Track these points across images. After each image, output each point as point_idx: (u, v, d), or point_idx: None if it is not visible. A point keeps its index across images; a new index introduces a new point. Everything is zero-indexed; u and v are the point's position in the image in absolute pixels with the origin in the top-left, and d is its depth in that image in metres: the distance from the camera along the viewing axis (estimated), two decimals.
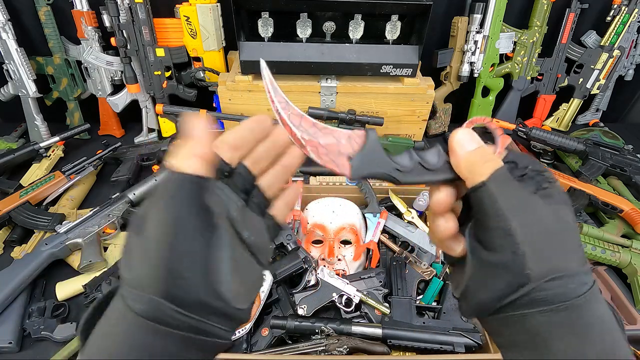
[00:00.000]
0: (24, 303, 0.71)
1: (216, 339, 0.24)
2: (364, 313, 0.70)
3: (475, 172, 0.25)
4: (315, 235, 0.80)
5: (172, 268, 0.21)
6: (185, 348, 0.22)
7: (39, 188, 0.90)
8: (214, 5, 1.03)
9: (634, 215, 0.90)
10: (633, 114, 1.42)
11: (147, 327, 0.21)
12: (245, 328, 0.63)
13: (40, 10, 1.03)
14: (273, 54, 0.97)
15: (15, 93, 1.09)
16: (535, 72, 1.24)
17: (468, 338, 0.63)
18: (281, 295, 0.70)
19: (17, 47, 1.01)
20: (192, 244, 0.22)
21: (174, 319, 0.21)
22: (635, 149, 1.09)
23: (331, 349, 0.61)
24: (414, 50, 0.99)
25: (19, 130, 1.18)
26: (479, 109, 1.25)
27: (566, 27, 1.17)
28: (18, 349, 0.66)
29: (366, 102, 1.03)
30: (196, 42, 1.06)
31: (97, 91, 1.15)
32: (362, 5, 0.92)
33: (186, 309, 0.21)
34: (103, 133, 1.22)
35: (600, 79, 1.24)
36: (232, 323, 0.24)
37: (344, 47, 0.99)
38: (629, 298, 0.76)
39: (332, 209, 0.82)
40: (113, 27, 1.01)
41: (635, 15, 1.13)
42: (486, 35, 1.13)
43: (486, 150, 0.26)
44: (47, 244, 0.77)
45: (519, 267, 0.22)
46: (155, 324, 0.21)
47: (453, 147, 0.27)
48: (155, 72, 1.08)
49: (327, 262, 0.76)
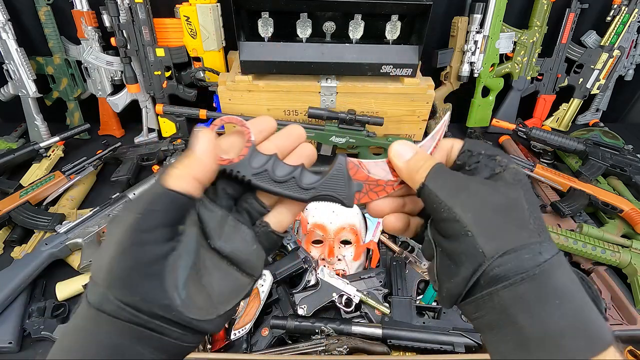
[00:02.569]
0: (24, 303, 0.71)
1: (177, 342, 0.23)
2: (364, 313, 0.70)
3: (415, 179, 0.27)
4: (315, 235, 0.80)
5: (123, 268, 0.21)
6: (137, 342, 0.22)
7: (39, 188, 0.90)
8: (214, 5, 1.03)
9: (634, 215, 0.90)
10: (633, 114, 1.42)
11: (96, 316, 0.22)
12: (245, 328, 0.63)
13: (40, 10, 1.03)
14: (273, 54, 0.97)
15: (15, 93, 1.09)
16: (535, 72, 1.24)
17: (468, 338, 0.63)
18: (281, 295, 0.70)
19: (17, 47, 1.01)
20: (148, 251, 0.22)
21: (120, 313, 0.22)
22: (635, 149, 1.09)
23: (331, 349, 0.61)
24: (414, 50, 0.99)
25: (19, 130, 1.18)
26: (479, 109, 1.25)
27: (566, 27, 1.17)
28: (18, 349, 0.66)
29: (366, 102, 1.03)
30: (196, 42, 1.06)
31: (97, 91, 1.15)
32: (362, 5, 0.92)
33: (131, 305, 0.22)
34: (103, 133, 1.22)
35: (600, 79, 1.24)
36: (186, 330, 0.23)
37: (344, 47, 0.99)
38: (629, 298, 0.76)
39: (332, 209, 0.82)
40: (113, 27, 1.01)
41: (635, 15, 1.13)
42: (486, 35, 1.13)
43: (420, 156, 0.28)
44: (47, 244, 0.77)
45: (472, 248, 0.23)
46: (100, 312, 0.22)
47: (392, 160, 0.29)
48: (155, 72, 1.08)
49: (327, 262, 0.76)
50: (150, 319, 0.22)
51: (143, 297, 0.22)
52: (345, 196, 0.28)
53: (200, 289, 0.24)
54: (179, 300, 0.22)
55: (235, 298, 0.26)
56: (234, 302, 0.26)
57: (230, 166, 0.26)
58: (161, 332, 0.23)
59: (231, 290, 0.26)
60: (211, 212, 0.25)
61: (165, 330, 0.23)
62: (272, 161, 0.27)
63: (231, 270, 0.26)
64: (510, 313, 0.23)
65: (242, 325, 0.64)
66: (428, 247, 0.28)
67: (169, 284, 0.22)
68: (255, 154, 0.27)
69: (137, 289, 0.22)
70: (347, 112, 0.99)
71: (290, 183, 0.27)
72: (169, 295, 0.22)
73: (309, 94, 1.01)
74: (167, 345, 0.23)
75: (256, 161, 0.27)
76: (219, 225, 0.25)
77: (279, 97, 1.01)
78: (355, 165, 0.29)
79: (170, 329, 0.23)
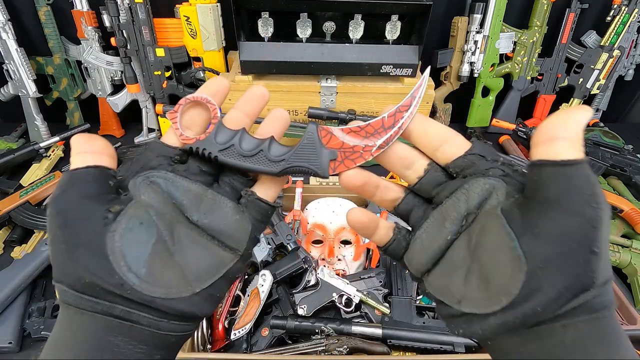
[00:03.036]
0: (24, 303, 0.71)
1: (151, 329, 0.22)
2: (364, 313, 0.70)
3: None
4: (315, 235, 0.80)
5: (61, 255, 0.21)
6: (109, 333, 0.21)
7: (39, 188, 0.90)
8: (214, 5, 1.03)
9: (634, 215, 0.90)
10: (633, 114, 1.42)
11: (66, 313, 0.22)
12: (245, 328, 0.63)
13: (40, 10, 1.03)
14: (273, 54, 0.97)
15: (15, 93, 1.08)
16: (535, 72, 1.24)
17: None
18: (281, 295, 0.70)
19: (17, 47, 1.01)
20: (80, 231, 0.21)
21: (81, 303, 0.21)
22: (635, 149, 1.09)
23: (331, 349, 0.61)
24: (414, 50, 0.99)
25: (19, 130, 1.18)
26: (479, 109, 1.25)
27: (566, 27, 1.17)
28: (18, 349, 0.66)
29: (366, 102, 1.03)
30: (196, 42, 1.06)
31: (97, 91, 1.15)
32: (362, 5, 0.92)
33: (87, 293, 0.21)
34: (103, 133, 1.22)
35: (600, 79, 1.24)
36: (157, 314, 0.22)
37: (344, 47, 0.99)
38: (629, 298, 0.76)
39: (332, 209, 0.82)
40: (113, 27, 1.01)
41: (635, 15, 1.13)
42: (486, 35, 1.13)
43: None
44: (47, 244, 0.77)
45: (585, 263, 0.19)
46: (68, 307, 0.22)
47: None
48: (155, 72, 1.08)
49: (327, 262, 0.76)
50: (111, 304, 0.21)
51: (90, 280, 0.21)
52: (318, 166, 0.26)
53: (169, 265, 0.23)
54: (135, 278, 0.21)
55: (213, 274, 0.24)
56: (212, 279, 0.24)
57: (197, 144, 0.25)
58: (129, 319, 0.21)
59: (209, 265, 0.24)
60: (183, 187, 0.25)
61: (131, 316, 0.21)
62: (238, 135, 0.26)
63: (211, 245, 0.24)
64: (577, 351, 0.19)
65: (242, 325, 0.64)
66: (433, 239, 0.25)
67: (117, 260, 0.21)
68: (222, 129, 0.26)
69: (81, 272, 0.21)
70: (347, 112, 0.99)
71: (259, 156, 0.26)
72: (117, 272, 0.21)
73: (309, 94, 1.01)
74: (141, 334, 0.22)
75: (222, 137, 0.26)
76: (196, 199, 0.25)
77: (279, 97, 1.01)
78: (328, 132, 0.26)
79: (136, 313, 0.22)
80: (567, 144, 0.20)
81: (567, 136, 0.20)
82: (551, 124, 0.20)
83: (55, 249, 0.22)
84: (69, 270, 0.21)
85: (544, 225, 0.19)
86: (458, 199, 0.24)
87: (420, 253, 0.25)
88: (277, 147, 0.26)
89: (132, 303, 0.22)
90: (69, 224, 0.21)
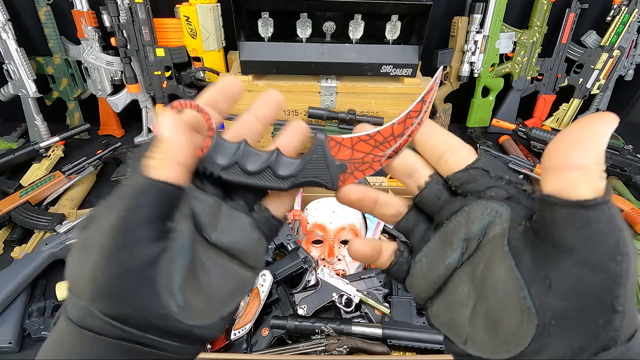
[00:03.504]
0: (24, 303, 0.70)
1: (172, 355, 0.20)
2: (364, 313, 0.70)
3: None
4: (315, 235, 0.80)
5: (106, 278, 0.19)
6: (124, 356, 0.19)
7: (39, 188, 0.90)
8: (214, 5, 1.03)
9: (634, 215, 0.90)
10: (633, 114, 1.42)
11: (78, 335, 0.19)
12: (245, 328, 0.63)
13: (40, 10, 1.03)
14: (273, 54, 0.97)
15: (15, 93, 1.08)
16: (535, 72, 1.24)
17: None
18: (281, 295, 0.70)
19: (17, 47, 1.01)
20: (137, 254, 0.19)
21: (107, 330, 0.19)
22: (635, 149, 1.09)
23: (331, 349, 0.61)
24: (414, 50, 0.99)
25: (19, 130, 1.18)
26: (479, 109, 1.25)
27: (566, 27, 1.17)
28: (18, 349, 0.66)
29: (366, 102, 1.03)
30: (196, 42, 1.06)
31: (97, 91, 1.15)
32: (362, 5, 0.92)
33: (122, 321, 0.19)
34: (103, 133, 1.22)
35: (600, 79, 1.24)
36: (184, 341, 0.21)
37: (344, 47, 0.99)
38: None
39: (332, 209, 0.82)
40: (113, 27, 1.01)
41: (635, 15, 1.13)
42: (486, 35, 1.13)
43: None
44: (47, 244, 0.77)
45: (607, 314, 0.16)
46: (83, 330, 0.19)
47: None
48: (155, 72, 1.08)
49: (327, 262, 0.76)
50: (143, 334, 0.19)
51: (134, 309, 0.19)
52: (328, 180, 0.25)
53: (198, 290, 0.21)
54: (176, 307, 0.19)
55: (238, 296, 0.23)
56: (237, 301, 0.23)
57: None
58: (156, 347, 0.20)
59: (234, 287, 0.23)
60: (202, 201, 0.22)
61: (159, 344, 0.20)
62: (241, 150, 0.24)
63: (231, 265, 0.23)
64: None
65: (242, 325, 0.64)
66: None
67: (163, 290, 0.19)
68: (221, 143, 0.24)
69: (126, 299, 0.19)
70: (347, 112, 0.99)
71: (266, 173, 0.24)
72: (164, 303, 0.19)
73: (309, 94, 1.01)
74: (156, 357, 0.20)
75: (222, 153, 0.23)
76: (212, 215, 0.22)
77: None
78: (336, 142, 0.25)
79: (165, 342, 0.20)
80: (585, 178, 0.16)
81: (585, 164, 0.16)
82: (565, 144, 0.17)
83: (103, 265, 0.19)
84: (112, 293, 0.19)
85: (557, 277, 0.17)
86: (458, 223, 0.22)
87: (421, 278, 0.24)
88: (284, 162, 0.25)
89: (165, 333, 0.20)
90: (131, 246, 0.19)
